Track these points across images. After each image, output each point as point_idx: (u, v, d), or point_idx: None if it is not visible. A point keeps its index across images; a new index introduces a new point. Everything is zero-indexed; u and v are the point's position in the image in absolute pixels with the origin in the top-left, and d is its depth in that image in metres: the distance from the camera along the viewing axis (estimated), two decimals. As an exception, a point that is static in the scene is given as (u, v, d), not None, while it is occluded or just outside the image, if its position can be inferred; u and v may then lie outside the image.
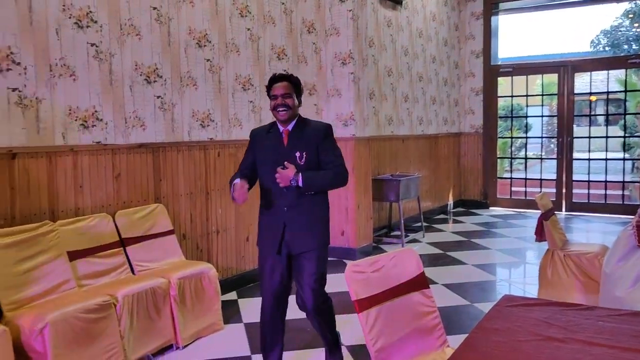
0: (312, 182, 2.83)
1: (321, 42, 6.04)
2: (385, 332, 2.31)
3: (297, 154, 2.86)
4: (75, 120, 3.65)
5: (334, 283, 5.21)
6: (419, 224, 7.43)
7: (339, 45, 5.99)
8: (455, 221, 8.50)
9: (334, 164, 2.91)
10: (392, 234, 7.25)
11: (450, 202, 9.32)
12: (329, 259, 6.01)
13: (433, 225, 8.02)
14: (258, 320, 3.11)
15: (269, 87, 2.91)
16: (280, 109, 2.85)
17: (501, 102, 10.13)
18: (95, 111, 3.78)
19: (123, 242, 3.78)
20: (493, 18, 9.41)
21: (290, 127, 2.92)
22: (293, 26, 5.66)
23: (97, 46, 3.78)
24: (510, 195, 9.68)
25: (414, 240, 7.00)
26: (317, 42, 5.98)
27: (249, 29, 5.08)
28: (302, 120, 2.97)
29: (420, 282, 2.53)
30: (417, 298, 2.50)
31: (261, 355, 3.12)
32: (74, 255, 3.44)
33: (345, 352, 3.61)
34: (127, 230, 3.83)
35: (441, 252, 6.43)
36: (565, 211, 9.02)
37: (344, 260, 5.89)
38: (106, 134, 3.85)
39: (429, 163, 8.56)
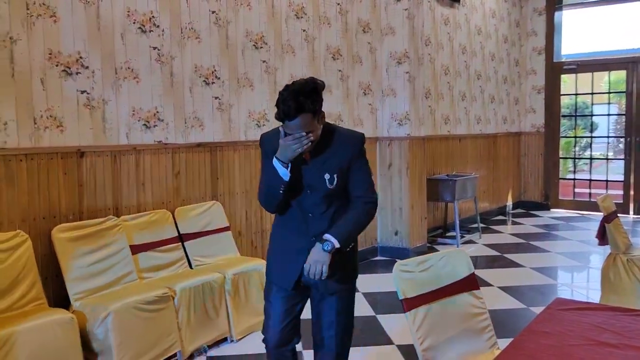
0: (349, 238, 2.27)
1: (376, 42, 6.04)
2: (433, 332, 2.31)
3: (327, 177, 2.23)
4: (138, 120, 3.84)
5: (384, 282, 5.22)
6: (476, 225, 7.29)
7: (394, 45, 5.98)
8: (514, 223, 8.29)
9: (366, 190, 2.31)
10: (447, 234, 7.16)
11: (509, 203, 9.09)
12: (380, 258, 6.07)
13: (490, 227, 7.85)
14: (309, 317, 2.64)
15: (280, 119, 2.11)
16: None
17: (565, 100, 9.76)
18: (157, 112, 3.95)
19: (182, 238, 3.94)
20: (556, 14, 9.10)
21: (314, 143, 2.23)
22: (348, 26, 5.69)
23: (159, 50, 3.95)
24: (574, 197, 9.33)
25: (470, 242, 6.88)
26: (372, 42, 5.99)
27: (304, 30, 5.16)
28: (328, 131, 2.26)
29: (471, 283, 2.51)
30: (466, 299, 2.48)
31: (312, 351, 3.07)
32: (136, 249, 3.61)
33: (395, 351, 3.62)
34: (186, 226, 3.98)
35: (498, 254, 6.29)
36: (634, 214, 8.60)
37: (397, 260, 5.86)
38: (167, 133, 4.02)
39: (487, 163, 8.38)
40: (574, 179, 9.47)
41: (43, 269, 3.23)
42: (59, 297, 3.26)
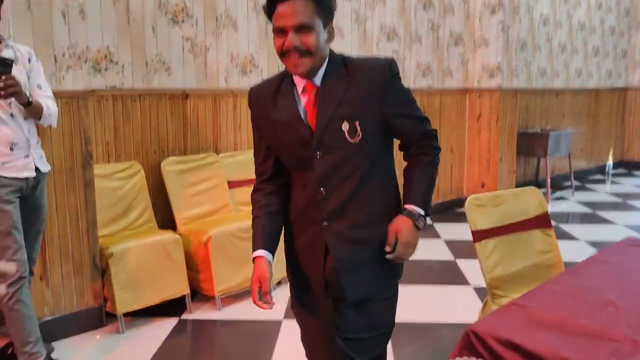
0: (430, 200, 1.62)
1: (470, -9, 5.93)
2: (501, 263, 2.44)
3: (345, 127, 1.51)
4: (236, 66, 4.14)
5: (467, 232, 5.31)
6: (569, 183, 7.08)
7: (489, -7, 5.84)
8: (613, 182, 7.93)
9: (423, 131, 1.63)
10: (538, 190, 7.01)
11: (610, 162, 8.66)
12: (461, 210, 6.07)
13: (586, 185, 7.58)
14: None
15: (269, 9, 1.50)
16: (294, 57, 1.48)
17: (681, 54, 9.00)
18: (253, 58, 4.23)
19: (273, 177, 4.25)
20: (677, -43, 8.33)
21: (317, 78, 1.55)
22: (441, -25, 5.63)
23: (255, 0, 4.20)
24: (684, 158, 8.72)
25: (561, 198, 6.72)
26: (466, -9, 5.89)
27: (396, -21, 5.19)
28: (337, 62, 1.57)
29: (543, 221, 2.59)
30: (537, 236, 2.56)
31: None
32: (232, 184, 3.97)
33: (471, 290, 3.76)
34: (277, 166, 4.29)
35: (590, 211, 6.12)
36: None
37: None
38: (261, 79, 4.29)
39: (586, 119, 8.01)
40: (686, 139, 8.82)
41: (153, 196, 3.66)
42: (166, 222, 3.69)
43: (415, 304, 3.50)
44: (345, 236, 1.57)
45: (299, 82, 1.56)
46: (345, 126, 1.51)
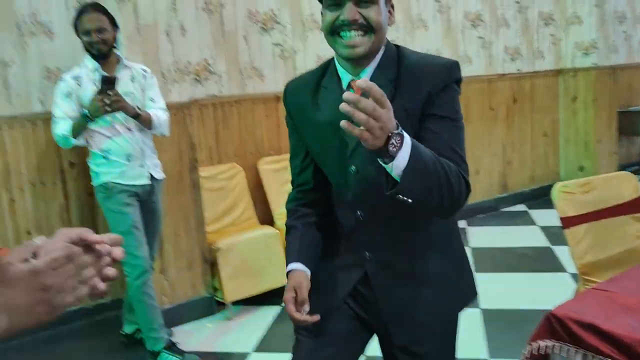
0: (419, 164, 1.09)
1: (560, -33, 5.71)
2: (592, 249, 2.43)
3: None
4: (323, 67, 4.32)
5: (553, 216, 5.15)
6: (680, 161, 6.62)
7: (580, -32, 5.60)
8: None
9: (450, 157, 1.20)
10: (644, 171, 6.64)
11: None
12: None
13: (700, 163, 7.04)
14: (482, 245, 2.29)
15: None
16: (352, 33, 1.21)
17: None
18: (339, 58, 4.39)
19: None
20: None
21: (367, 72, 1.28)
22: (527, -46, 5.48)
23: (338, 0, 4.35)
24: None
25: (671, 178, 6.31)
26: (555, -32, 5.68)
27: (479, -35, 5.13)
28: (392, 57, 1.30)
29: (637, 206, 2.54)
30: (632, 221, 2.52)
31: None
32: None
33: (568, 278, 3.71)
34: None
35: None
36: None
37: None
38: (348, 77, 4.46)
39: (700, 91, 7.41)
40: None
41: (252, 194, 3.94)
42: (265, 217, 3.96)
43: (509, 291, 3.52)
44: (393, 269, 1.36)
45: (344, 76, 1.30)
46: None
